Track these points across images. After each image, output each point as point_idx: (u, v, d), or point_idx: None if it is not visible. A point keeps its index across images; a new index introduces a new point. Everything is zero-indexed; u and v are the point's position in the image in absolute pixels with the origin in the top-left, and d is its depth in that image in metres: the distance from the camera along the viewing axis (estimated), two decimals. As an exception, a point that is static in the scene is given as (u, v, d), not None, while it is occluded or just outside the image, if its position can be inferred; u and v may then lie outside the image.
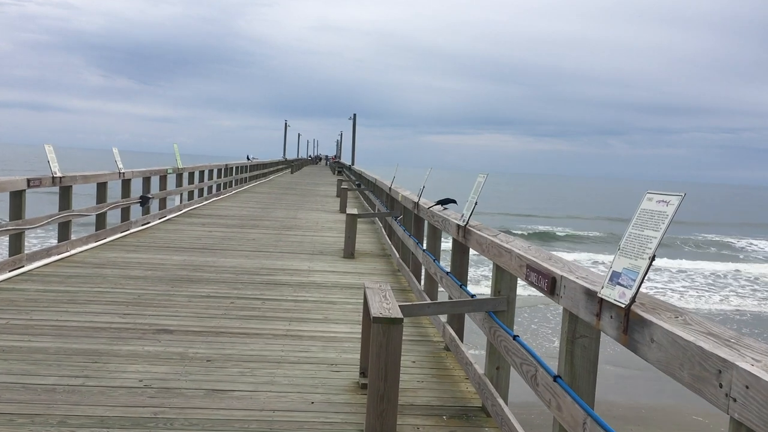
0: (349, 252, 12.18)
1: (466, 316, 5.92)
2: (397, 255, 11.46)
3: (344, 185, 26.01)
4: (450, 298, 6.41)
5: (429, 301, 6.18)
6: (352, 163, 56.63)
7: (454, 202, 8.01)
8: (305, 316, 7.61)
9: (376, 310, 4.54)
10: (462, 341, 6.25)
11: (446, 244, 7.87)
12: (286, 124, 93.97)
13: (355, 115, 66.05)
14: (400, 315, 4.38)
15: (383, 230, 14.98)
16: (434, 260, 7.42)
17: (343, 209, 21.06)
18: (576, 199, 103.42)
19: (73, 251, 10.77)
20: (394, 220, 12.54)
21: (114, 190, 14.36)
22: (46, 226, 10.44)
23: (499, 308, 4.88)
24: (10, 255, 9.28)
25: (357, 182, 29.26)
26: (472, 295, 5.50)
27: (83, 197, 14.77)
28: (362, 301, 8.54)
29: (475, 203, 5.87)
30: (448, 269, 6.73)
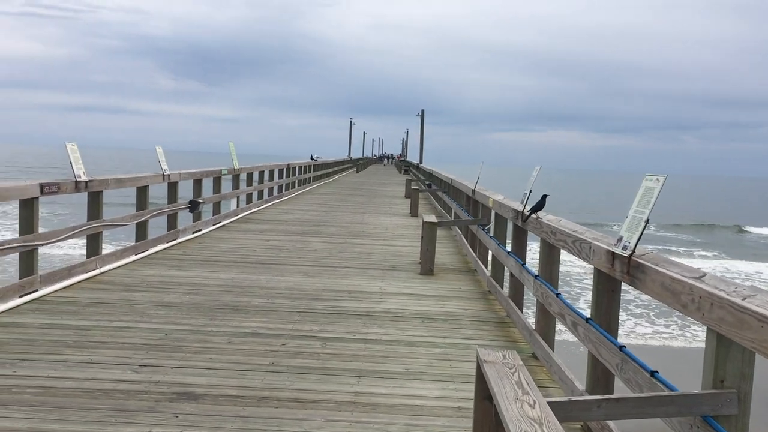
0: (428, 268, 10.20)
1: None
2: (487, 273, 9.41)
3: (414, 186, 24.12)
4: (595, 356, 4.35)
5: (591, 397, 3.91)
6: (420, 162, 54.50)
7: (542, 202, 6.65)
8: (379, 367, 5.66)
9: (514, 421, 2.55)
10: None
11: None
12: (351, 122, 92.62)
13: (423, 111, 63.89)
14: (567, 443, 2.36)
15: (463, 238, 12.92)
16: (557, 295, 5.35)
17: (414, 212, 19.15)
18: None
19: (103, 268, 9.11)
20: (480, 229, 10.50)
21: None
22: (68, 240, 8.80)
23: (722, 411, 2.82)
24: (20, 277, 7.62)
25: (427, 182, 27.29)
26: (652, 372, 3.42)
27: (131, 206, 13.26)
28: (450, 340, 6.59)
29: (646, 221, 3.79)
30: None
